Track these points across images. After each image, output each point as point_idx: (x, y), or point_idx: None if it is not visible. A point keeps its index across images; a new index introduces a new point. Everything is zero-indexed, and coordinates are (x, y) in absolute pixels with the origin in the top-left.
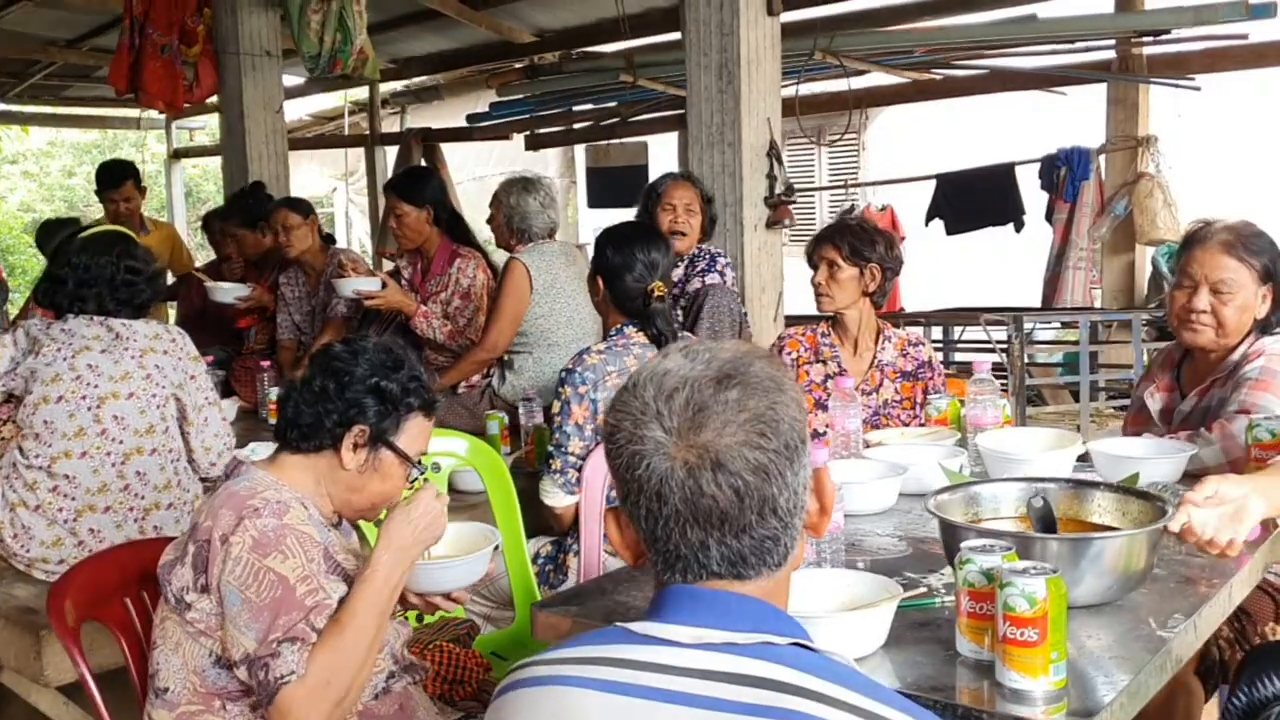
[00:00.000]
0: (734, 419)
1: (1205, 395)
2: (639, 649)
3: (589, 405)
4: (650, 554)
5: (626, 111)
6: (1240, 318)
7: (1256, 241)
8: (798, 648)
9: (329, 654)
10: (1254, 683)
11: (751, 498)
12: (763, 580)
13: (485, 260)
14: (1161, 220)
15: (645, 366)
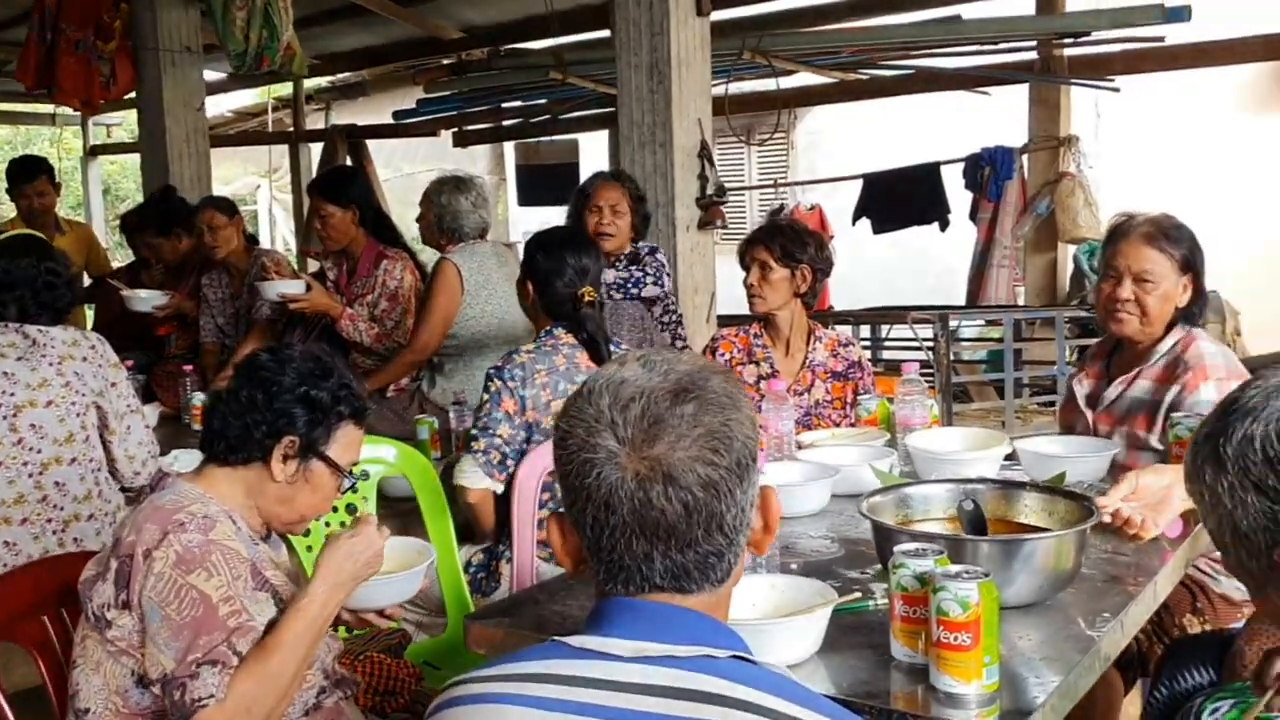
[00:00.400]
0: (688, 433)
1: (1132, 383)
2: (576, 664)
3: (517, 400)
4: (592, 563)
5: (557, 109)
6: (1163, 307)
7: (1176, 233)
8: (737, 660)
9: (253, 681)
10: (1175, 676)
11: (700, 513)
12: (704, 595)
13: (413, 261)
14: (1083, 219)
15: (602, 373)
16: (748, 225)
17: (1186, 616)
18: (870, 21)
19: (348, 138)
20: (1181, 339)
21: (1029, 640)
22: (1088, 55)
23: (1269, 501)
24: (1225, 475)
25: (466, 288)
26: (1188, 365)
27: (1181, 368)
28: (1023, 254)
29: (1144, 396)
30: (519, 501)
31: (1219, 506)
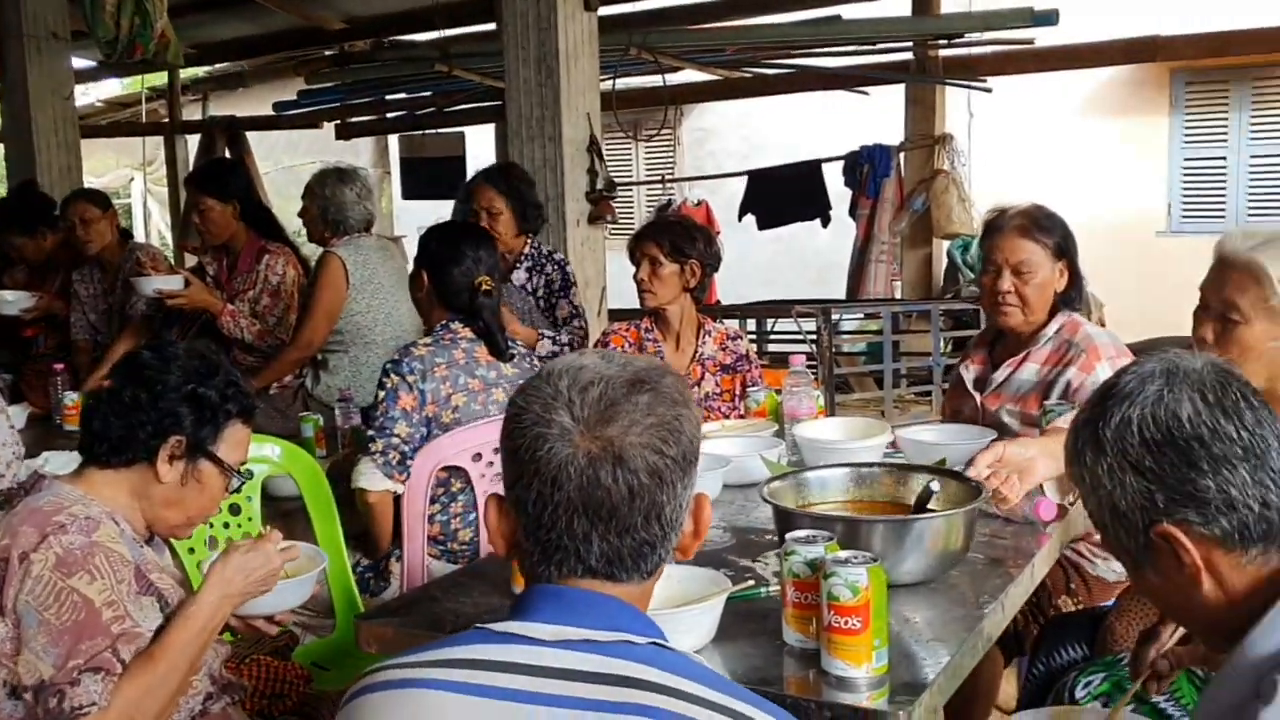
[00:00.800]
0: (641, 420)
1: (1019, 367)
2: (498, 649)
3: (416, 395)
4: (528, 543)
5: (442, 102)
6: (1042, 295)
7: (1048, 222)
8: (656, 646)
9: (137, 689)
10: (1051, 653)
11: (642, 499)
12: (631, 585)
13: (296, 256)
14: (956, 215)
15: (560, 360)
16: (635, 221)
17: (1062, 597)
18: (753, 20)
19: (226, 129)
20: (1065, 323)
21: (917, 622)
22: (961, 56)
23: (1146, 482)
24: (1105, 458)
25: (352, 282)
26: (1080, 348)
27: (1074, 350)
28: (900, 249)
29: (1033, 378)
30: (410, 498)
31: (1099, 488)
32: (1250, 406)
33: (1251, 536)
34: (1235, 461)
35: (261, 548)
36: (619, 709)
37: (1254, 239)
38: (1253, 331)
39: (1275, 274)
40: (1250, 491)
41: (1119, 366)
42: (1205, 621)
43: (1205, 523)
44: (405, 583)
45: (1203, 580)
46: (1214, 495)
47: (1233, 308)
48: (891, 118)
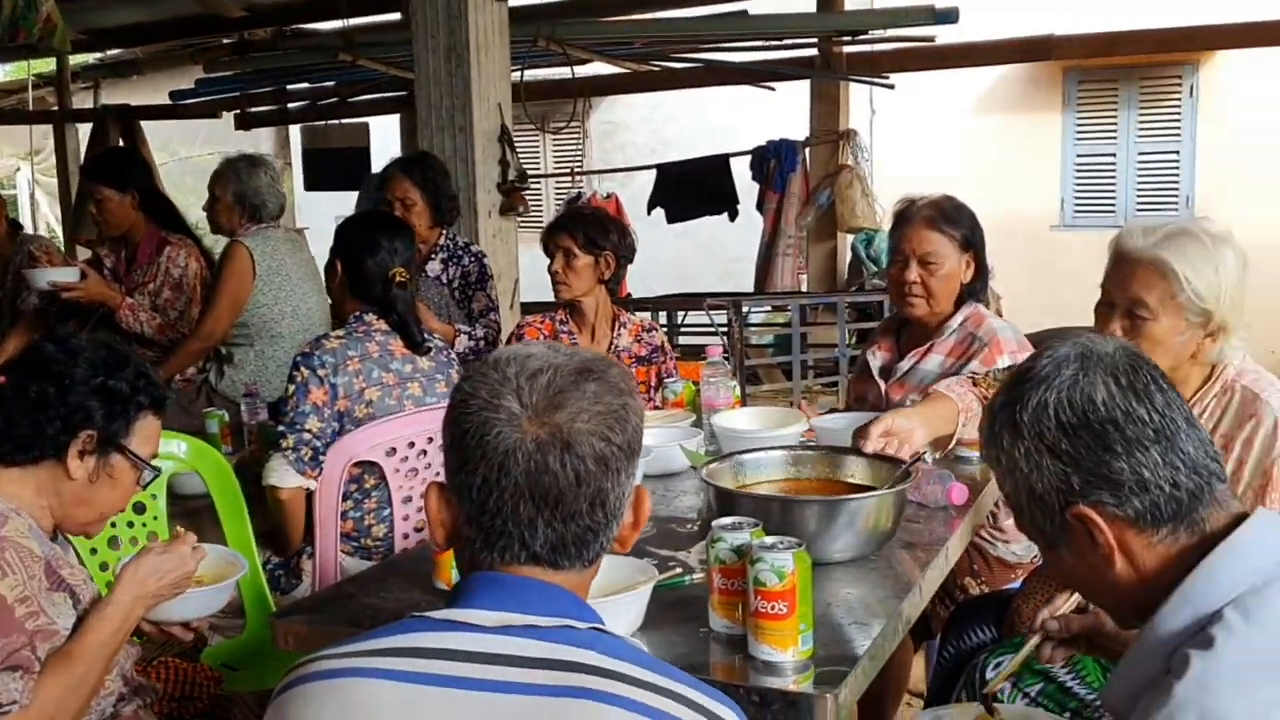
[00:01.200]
0: (589, 408)
1: (924, 357)
2: (437, 636)
3: (328, 389)
4: (470, 530)
5: (346, 92)
6: (948, 286)
7: (956, 214)
8: (597, 631)
9: (58, 688)
10: (960, 636)
11: (589, 485)
12: (572, 574)
13: (198, 248)
14: (860, 209)
15: (507, 349)
16: (544, 214)
17: (966, 579)
18: (661, 14)
19: (120, 119)
20: (970, 315)
21: (839, 607)
22: (864, 53)
23: (1062, 465)
24: (1022, 441)
25: (259, 273)
26: (983, 341)
27: (976, 344)
28: (806, 243)
29: (937, 369)
30: (322, 494)
31: (1016, 470)
32: (1160, 389)
33: (1162, 516)
34: (1147, 444)
35: (176, 550)
36: (562, 693)
37: (1155, 234)
38: (1161, 327)
39: (1181, 270)
40: (1161, 473)
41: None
42: (1117, 599)
43: (1119, 504)
44: (317, 580)
45: (1115, 559)
46: (1127, 477)
47: (1140, 304)
48: (797, 113)
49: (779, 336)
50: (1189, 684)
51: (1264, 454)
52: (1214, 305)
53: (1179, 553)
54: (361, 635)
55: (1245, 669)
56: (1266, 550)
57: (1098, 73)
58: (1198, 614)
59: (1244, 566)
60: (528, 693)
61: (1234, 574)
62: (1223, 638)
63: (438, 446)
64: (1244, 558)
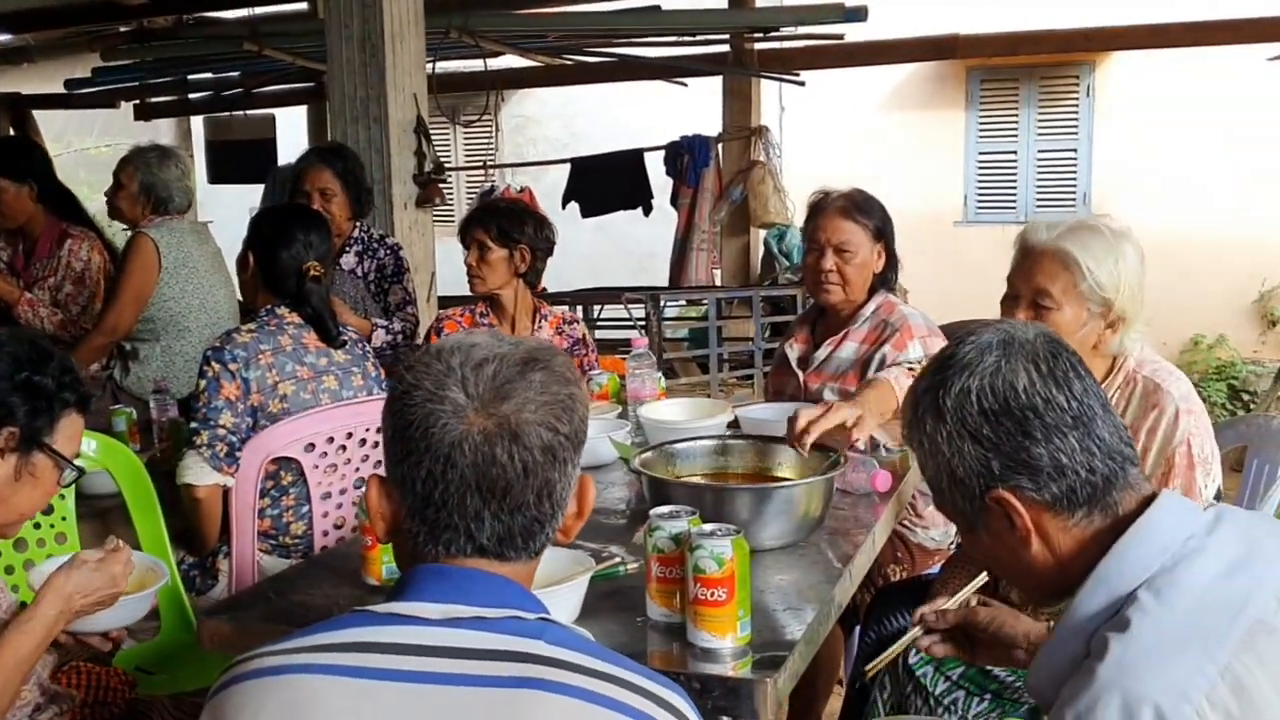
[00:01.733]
0: (536, 398)
1: (840, 345)
2: (382, 630)
3: (240, 384)
4: (413, 524)
5: (251, 82)
6: (861, 274)
7: (868, 205)
8: (544, 621)
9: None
10: (882, 620)
11: (536, 476)
12: (518, 565)
13: (100, 240)
14: (772, 205)
15: (451, 338)
16: (456, 207)
17: (890, 566)
18: (575, 8)
19: (10, 108)
20: (882, 303)
21: (773, 594)
22: (775, 50)
23: (983, 450)
24: (944, 425)
25: (164, 265)
26: (895, 326)
27: (889, 329)
28: (719, 238)
29: (852, 356)
30: (238, 492)
31: (938, 454)
32: (1079, 376)
33: (1078, 500)
34: (1065, 430)
35: (108, 569)
36: (512, 684)
37: (1057, 229)
38: (1064, 317)
39: (1083, 260)
40: (1078, 458)
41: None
42: (1033, 580)
43: (1037, 488)
44: (234, 580)
45: (1032, 542)
46: (1046, 462)
47: (1044, 295)
48: (710, 109)
49: (695, 330)
50: (1109, 666)
51: (1166, 442)
52: (1114, 295)
53: (1094, 535)
54: (302, 631)
55: (1160, 648)
56: (1174, 530)
57: (1000, 72)
58: (1113, 596)
59: (1153, 547)
60: (476, 684)
61: (1144, 555)
62: (1137, 619)
63: (358, 441)
64: (1153, 539)
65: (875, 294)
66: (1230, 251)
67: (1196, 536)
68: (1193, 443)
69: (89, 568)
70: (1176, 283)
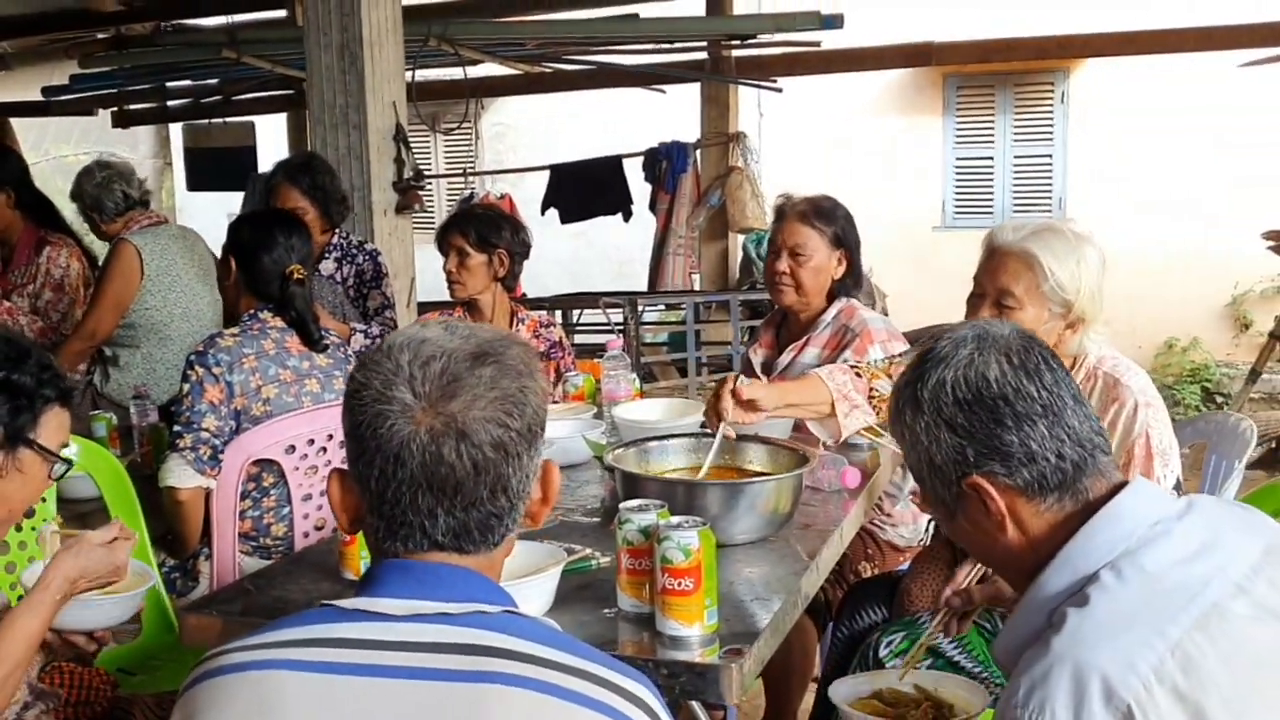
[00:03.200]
0: (485, 394)
1: (802, 350)
2: (346, 626)
3: (224, 387)
4: (373, 519)
5: (230, 90)
6: (816, 279)
7: (829, 212)
8: (509, 614)
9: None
10: (853, 616)
11: (488, 473)
12: (480, 557)
13: (79, 247)
14: (750, 210)
15: (402, 333)
16: (436, 214)
17: (861, 563)
18: (553, 16)
19: None
20: (843, 309)
21: (742, 585)
22: (753, 57)
23: (958, 438)
24: (922, 416)
25: (147, 273)
26: (855, 332)
27: (849, 334)
28: (698, 243)
29: (814, 361)
30: (219, 494)
31: (918, 444)
32: (1050, 368)
33: (1048, 485)
34: (1035, 418)
35: (114, 555)
36: (476, 678)
37: (1023, 230)
38: (1027, 316)
39: (1045, 261)
40: (1048, 445)
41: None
42: (1009, 563)
43: (1009, 474)
44: (215, 581)
45: (1007, 526)
46: (1017, 449)
47: (1008, 294)
48: (687, 116)
49: (673, 334)
50: (1064, 638)
51: (1125, 435)
52: (1074, 296)
53: (1064, 519)
54: (268, 626)
55: (1114, 623)
56: (1140, 515)
57: (976, 79)
58: (1077, 575)
59: (1119, 531)
60: (440, 679)
61: (1111, 538)
62: (1096, 596)
63: (338, 444)
64: (1120, 521)
65: (836, 300)
66: (1204, 255)
67: (1164, 521)
68: (1151, 434)
69: (99, 553)
70: (1151, 286)
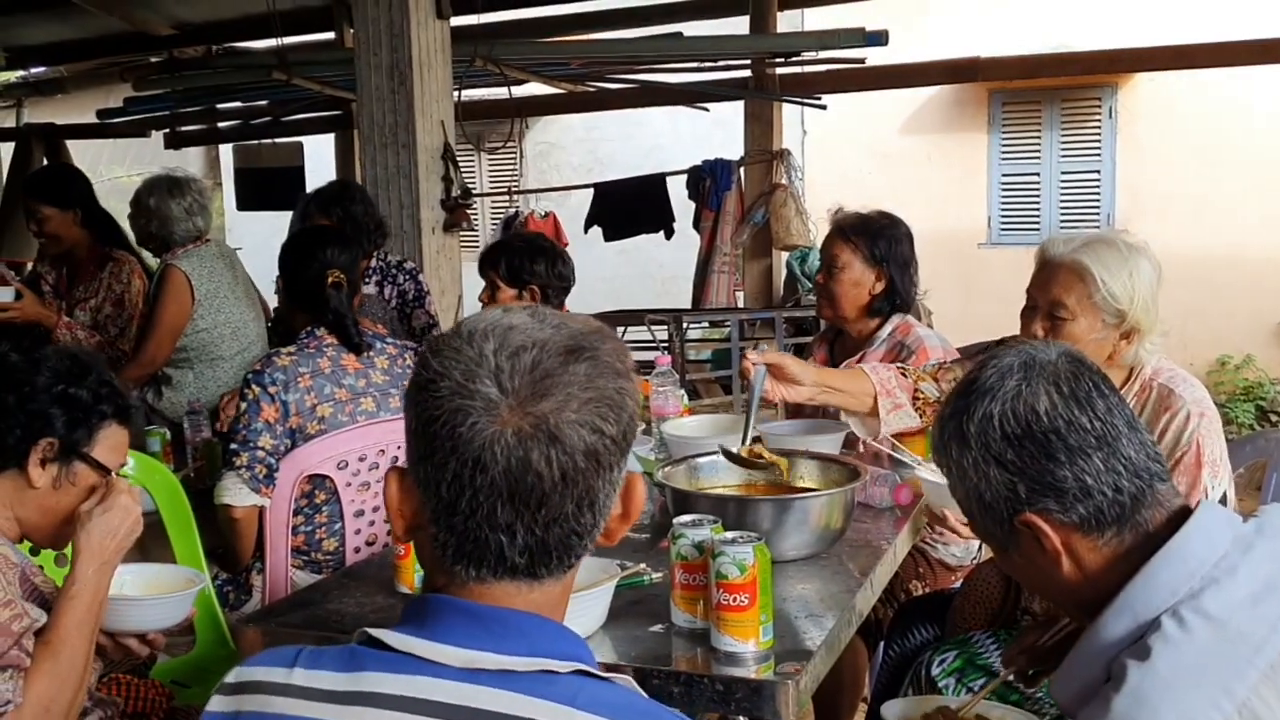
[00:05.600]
0: (579, 394)
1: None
2: (395, 680)
3: (279, 406)
4: (437, 530)
5: (279, 111)
6: (850, 292)
7: (868, 229)
8: (580, 676)
9: (46, 680)
10: (904, 635)
11: (577, 485)
12: (552, 583)
13: (140, 265)
14: (794, 227)
15: (484, 317)
16: (481, 233)
17: (912, 581)
18: (597, 35)
19: (44, 138)
20: (898, 326)
21: (795, 602)
22: (796, 74)
23: (1009, 474)
24: (969, 452)
25: (196, 297)
26: (910, 349)
27: (904, 351)
28: (741, 260)
29: None
30: (273, 508)
31: (965, 479)
32: (1101, 394)
33: (1105, 520)
34: (1089, 451)
35: (114, 502)
36: None
37: (1074, 242)
38: (1079, 326)
39: (1097, 272)
40: (1104, 479)
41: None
42: (1067, 599)
43: (1064, 510)
44: (268, 595)
45: (1063, 563)
46: (1071, 484)
47: (1060, 305)
48: (731, 133)
49: (717, 352)
50: (1125, 698)
51: (1174, 442)
52: (1128, 306)
53: (1124, 553)
54: (310, 657)
55: (1177, 681)
56: (1205, 551)
57: (1022, 94)
58: (1137, 621)
59: (1182, 571)
60: None
61: (1173, 579)
62: (1158, 648)
63: (390, 459)
64: (1183, 560)
65: (892, 317)
66: (1255, 272)
67: (1230, 556)
68: (1202, 444)
69: (98, 512)
70: (1202, 304)
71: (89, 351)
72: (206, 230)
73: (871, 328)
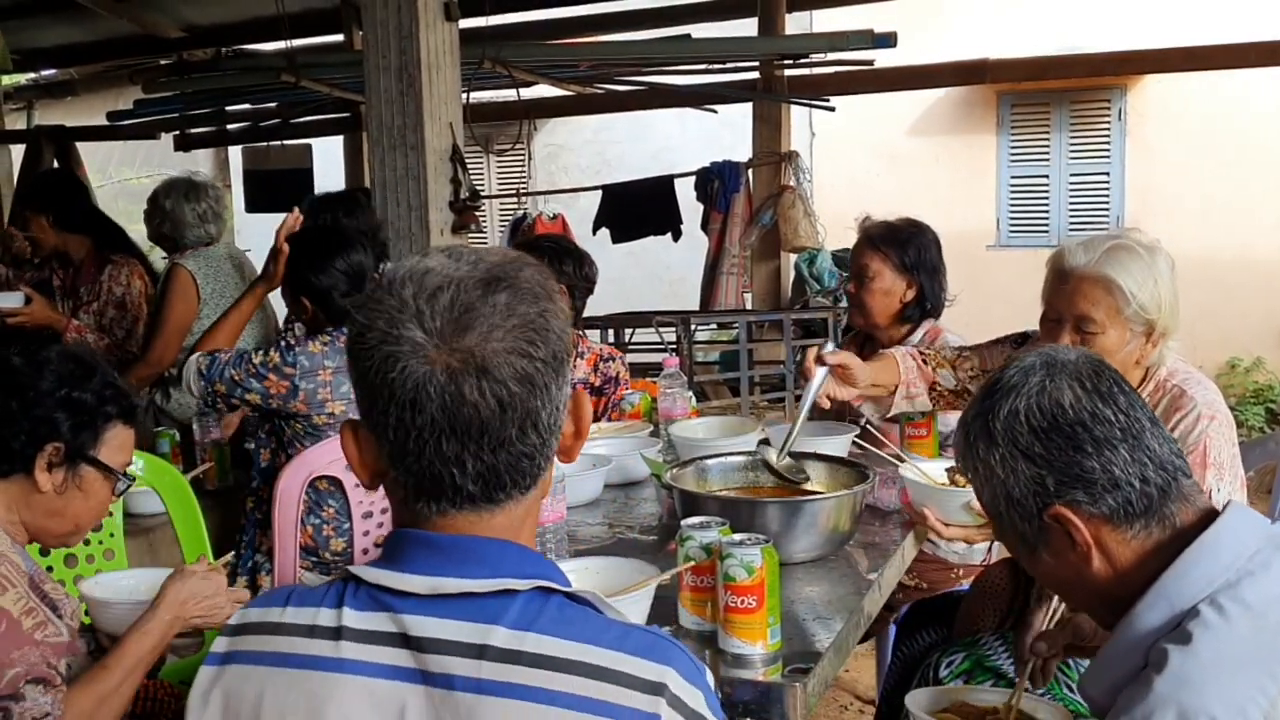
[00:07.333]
0: (502, 324)
1: None
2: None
3: (289, 387)
4: (396, 473)
5: (288, 113)
6: (881, 301)
7: (896, 237)
8: (539, 594)
9: (90, 699)
10: (912, 637)
11: (515, 409)
12: (512, 505)
13: (143, 266)
14: (803, 229)
15: (402, 265)
16: (489, 235)
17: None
18: (605, 37)
19: (54, 140)
20: (928, 331)
21: (803, 604)
22: (805, 76)
23: (1037, 468)
24: (997, 448)
25: (202, 296)
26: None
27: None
28: (750, 262)
29: None
30: (281, 508)
31: (993, 477)
32: (1123, 391)
33: (1134, 512)
34: (1115, 442)
35: (215, 578)
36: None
37: (1095, 251)
38: (1109, 340)
39: (1126, 285)
40: (1131, 469)
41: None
42: (1097, 598)
43: (1093, 501)
44: None
45: (1093, 557)
46: (1099, 475)
47: (1088, 320)
48: (739, 135)
49: (725, 353)
50: (1168, 680)
51: (1182, 442)
52: (1156, 314)
53: (1154, 548)
54: (298, 596)
55: (1221, 664)
56: (1239, 546)
57: (1031, 96)
58: (1174, 610)
59: (1218, 563)
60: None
61: (1208, 570)
62: (1199, 634)
63: None
64: (1217, 553)
65: (923, 323)
66: (1266, 274)
67: (1263, 552)
68: (1209, 445)
69: (198, 576)
70: (1212, 306)
71: (92, 351)
72: (219, 238)
73: (902, 333)
